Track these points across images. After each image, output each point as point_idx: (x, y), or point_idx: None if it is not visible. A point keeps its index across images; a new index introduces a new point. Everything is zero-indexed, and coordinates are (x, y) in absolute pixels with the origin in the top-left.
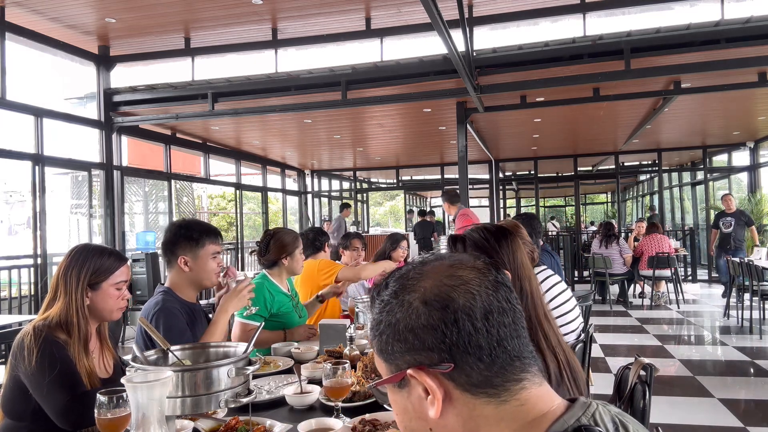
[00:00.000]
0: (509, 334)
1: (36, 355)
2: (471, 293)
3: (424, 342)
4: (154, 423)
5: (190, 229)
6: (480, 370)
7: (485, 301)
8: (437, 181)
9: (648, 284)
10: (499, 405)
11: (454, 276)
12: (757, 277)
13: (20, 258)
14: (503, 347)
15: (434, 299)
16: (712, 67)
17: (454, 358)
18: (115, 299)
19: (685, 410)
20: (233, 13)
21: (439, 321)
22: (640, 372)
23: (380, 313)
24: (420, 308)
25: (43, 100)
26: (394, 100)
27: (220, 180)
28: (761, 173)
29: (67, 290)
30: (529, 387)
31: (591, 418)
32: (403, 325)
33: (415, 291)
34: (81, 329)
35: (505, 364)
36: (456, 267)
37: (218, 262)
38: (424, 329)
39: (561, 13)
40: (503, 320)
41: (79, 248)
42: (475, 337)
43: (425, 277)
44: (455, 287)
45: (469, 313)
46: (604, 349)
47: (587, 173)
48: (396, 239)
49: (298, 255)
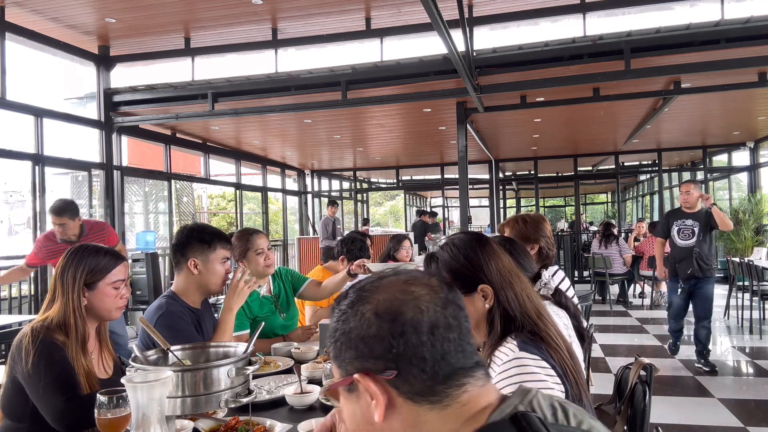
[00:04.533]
0: (453, 348)
1: (33, 356)
2: (419, 308)
3: (372, 350)
4: (154, 423)
5: (203, 232)
6: (422, 380)
7: (432, 317)
8: (437, 181)
9: (648, 284)
10: (441, 410)
11: (406, 291)
12: (757, 277)
13: (20, 258)
14: (447, 360)
15: (385, 311)
16: (712, 67)
17: (398, 368)
18: (112, 298)
19: (685, 410)
20: (233, 13)
21: (387, 332)
22: (640, 372)
23: (337, 322)
24: (371, 319)
25: (43, 100)
26: (394, 100)
27: (220, 180)
28: (761, 173)
29: (64, 291)
30: (470, 389)
31: (528, 404)
32: (355, 333)
33: (369, 302)
34: (78, 329)
35: (447, 375)
36: (409, 283)
37: (226, 267)
38: (373, 339)
39: (561, 13)
40: (448, 335)
41: (76, 248)
42: (419, 350)
43: (380, 290)
44: (405, 302)
45: (415, 327)
46: (604, 349)
47: (587, 173)
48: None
49: (253, 256)
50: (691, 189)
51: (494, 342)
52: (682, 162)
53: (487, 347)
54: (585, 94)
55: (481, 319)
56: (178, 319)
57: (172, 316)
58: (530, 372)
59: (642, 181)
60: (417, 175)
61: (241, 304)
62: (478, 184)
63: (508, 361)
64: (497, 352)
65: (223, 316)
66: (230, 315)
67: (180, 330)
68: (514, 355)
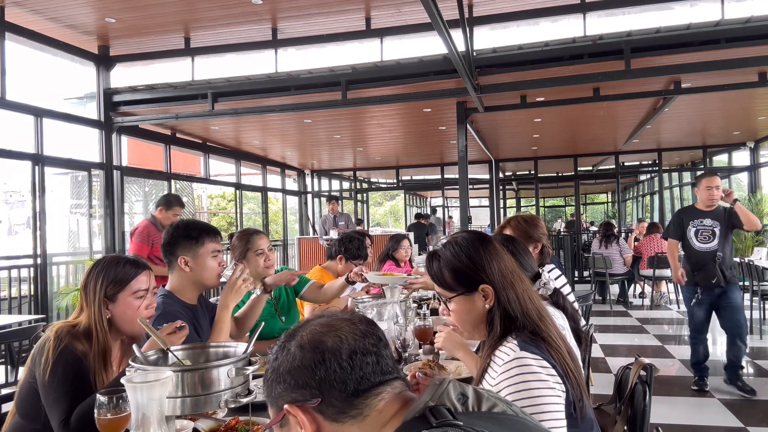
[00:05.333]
0: (371, 370)
1: (51, 366)
2: (339, 338)
3: (298, 381)
4: (154, 423)
5: (188, 228)
6: (344, 399)
7: (352, 345)
8: (437, 181)
9: (648, 284)
10: (362, 422)
11: (327, 325)
12: (757, 277)
13: (20, 258)
14: (366, 380)
15: (307, 343)
16: (712, 67)
17: (322, 393)
18: (135, 310)
19: (685, 410)
20: (233, 13)
21: (310, 361)
22: (640, 372)
23: (269, 363)
24: (296, 352)
25: (43, 100)
26: (394, 100)
27: (220, 180)
28: (761, 173)
29: (87, 303)
30: (386, 397)
31: (438, 398)
32: (283, 368)
33: (294, 339)
34: (100, 342)
35: (367, 390)
36: (331, 319)
37: (219, 261)
38: (298, 369)
39: (561, 13)
40: (367, 360)
41: (100, 260)
42: (340, 374)
43: (305, 328)
44: (326, 333)
45: (335, 354)
46: (604, 349)
47: (587, 173)
48: (398, 239)
49: (253, 257)
50: (720, 183)
51: (494, 342)
52: (682, 162)
53: (487, 347)
54: (585, 94)
55: (481, 319)
56: (175, 319)
57: (169, 317)
58: (532, 372)
59: (642, 181)
60: (417, 175)
61: (237, 302)
62: (478, 184)
63: (509, 360)
64: (497, 352)
65: (219, 313)
66: (226, 312)
67: None
68: (515, 354)
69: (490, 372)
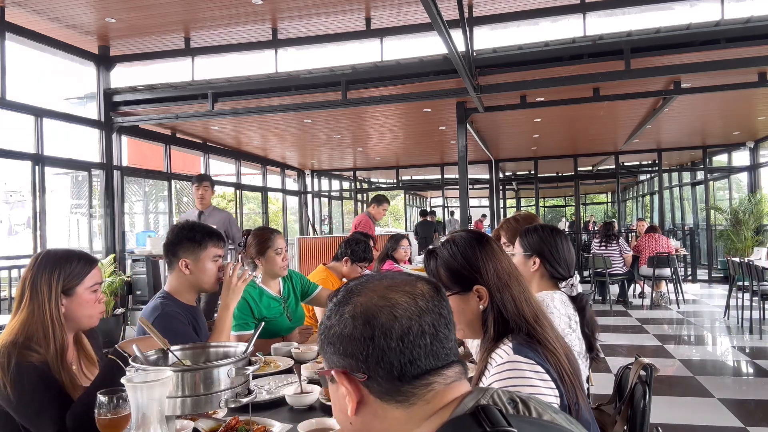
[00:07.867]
0: (424, 353)
1: (11, 386)
2: (393, 315)
3: (346, 350)
4: (154, 423)
5: (193, 230)
6: (390, 382)
7: (405, 325)
8: (437, 181)
9: (648, 284)
10: (407, 408)
11: (384, 297)
12: (757, 277)
13: (20, 258)
14: (415, 365)
15: (360, 315)
16: (712, 67)
17: (368, 369)
18: (91, 304)
19: (685, 410)
20: (233, 13)
21: (360, 335)
22: (640, 372)
23: (325, 317)
24: (348, 320)
25: (43, 100)
26: (394, 100)
27: (220, 180)
28: (761, 173)
29: (39, 300)
30: (437, 387)
31: (490, 398)
32: (334, 331)
33: (350, 304)
34: (57, 340)
35: (414, 377)
36: (391, 289)
37: (219, 265)
38: (347, 339)
39: (561, 13)
40: (420, 342)
41: (44, 254)
42: (387, 355)
43: (362, 293)
44: (381, 308)
45: (386, 333)
46: (604, 349)
47: (587, 173)
48: (397, 239)
49: (272, 255)
50: None
51: (489, 343)
52: (682, 162)
53: (482, 348)
54: (585, 94)
55: (476, 319)
56: (174, 320)
57: (168, 317)
58: (522, 376)
59: (642, 181)
60: (417, 175)
61: (237, 300)
62: (478, 184)
63: (502, 363)
64: (493, 354)
65: (220, 314)
66: (228, 313)
67: (177, 332)
68: (509, 357)
69: (486, 374)
